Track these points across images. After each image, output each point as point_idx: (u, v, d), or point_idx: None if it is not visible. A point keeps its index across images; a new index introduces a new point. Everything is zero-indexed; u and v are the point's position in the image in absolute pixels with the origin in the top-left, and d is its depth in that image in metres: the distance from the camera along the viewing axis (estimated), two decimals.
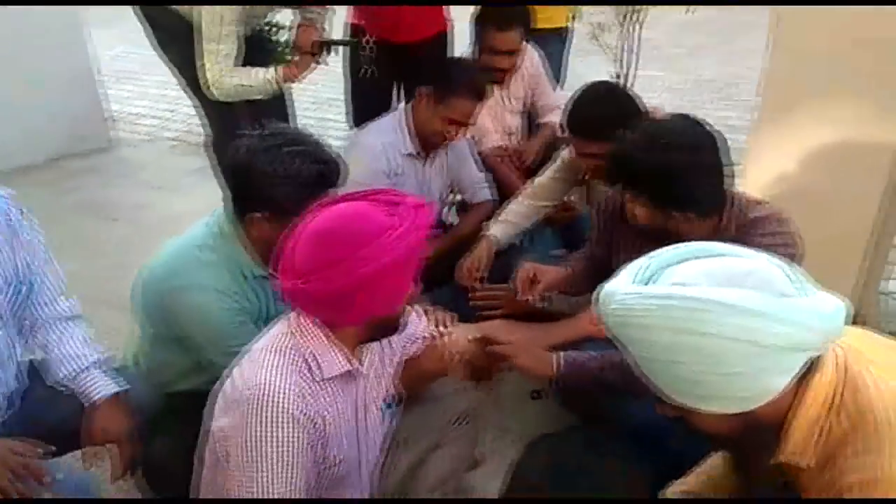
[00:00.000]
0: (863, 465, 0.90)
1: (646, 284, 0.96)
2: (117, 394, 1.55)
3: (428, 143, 2.37)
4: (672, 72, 5.81)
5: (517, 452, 1.98)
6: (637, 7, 4.07)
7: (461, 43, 2.99)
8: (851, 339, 1.02)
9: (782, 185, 2.15)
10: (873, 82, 1.92)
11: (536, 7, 2.83)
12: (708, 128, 1.63)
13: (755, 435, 0.99)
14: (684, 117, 1.67)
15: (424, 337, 1.57)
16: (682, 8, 4.57)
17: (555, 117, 2.90)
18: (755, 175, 2.23)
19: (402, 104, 2.46)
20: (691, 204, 1.59)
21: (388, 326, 1.32)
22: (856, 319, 2.43)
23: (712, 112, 4.81)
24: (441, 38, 2.90)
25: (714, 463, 1.29)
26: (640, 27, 4.20)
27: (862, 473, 0.89)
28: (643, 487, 0.98)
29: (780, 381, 0.92)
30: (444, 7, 2.91)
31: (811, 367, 0.96)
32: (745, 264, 0.95)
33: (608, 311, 0.96)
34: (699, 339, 0.88)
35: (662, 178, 1.56)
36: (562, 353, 1.67)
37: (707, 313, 0.87)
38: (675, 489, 1.29)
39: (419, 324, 1.58)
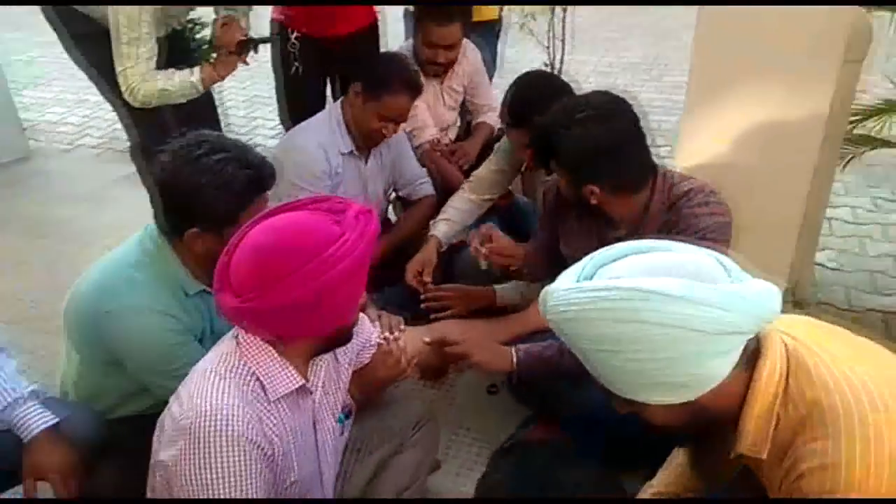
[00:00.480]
0: (813, 451, 0.92)
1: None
2: (53, 426, 1.47)
3: (365, 141, 2.32)
4: (601, 55, 5.89)
5: (477, 451, 2.00)
6: None
7: (392, 34, 2.96)
8: (799, 328, 1.05)
9: (716, 164, 2.19)
10: (799, 58, 1.97)
11: None
12: (627, 104, 1.64)
13: (710, 429, 1.01)
14: (603, 93, 1.69)
15: (375, 343, 1.54)
16: None
17: (491, 117, 2.90)
18: (688, 155, 2.27)
19: (336, 102, 2.40)
20: (611, 176, 1.60)
21: (340, 338, 1.28)
22: (792, 291, 2.55)
23: (642, 93, 4.91)
24: (370, 32, 2.85)
25: (681, 460, 1.31)
26: (565, 12, 4.24)
27: (813, 460, 0.91)
28: (614, 492, 0.99)
29: (716, 366, 0.94)
30: None
31: (757, 359, 0.98)
32: (677, 257, 0.98)
33: (548, 309, 1.00)
34: (627, 327, 0.91)
35: (580, 150, 1.58)
36: (518, 345, 1.68)
37: (632, 301, 0.90)
38: (650, 491, 1.30)
39: (369, 330, 1.55)
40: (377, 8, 2.89)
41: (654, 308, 0.89)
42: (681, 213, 1.62)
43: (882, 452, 0.88)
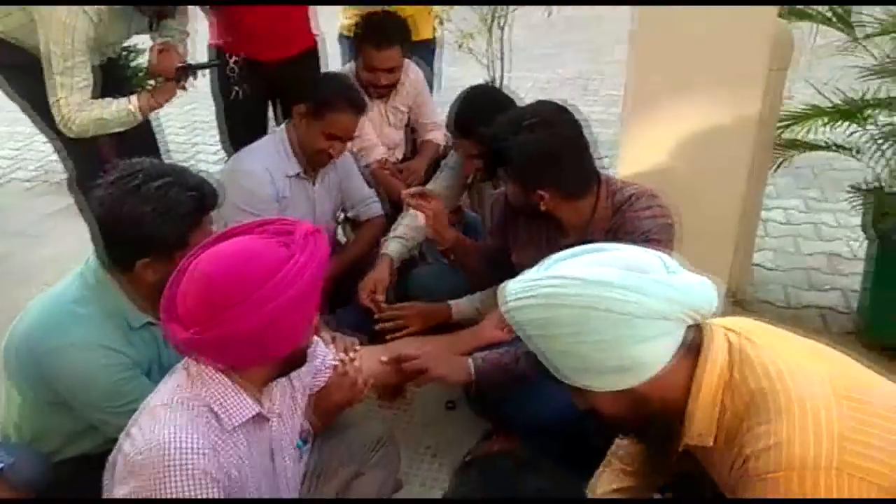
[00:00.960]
0: (758, 435, 0.97)
1: None
2: None
3: (312, 162, 2.31)
4: (539, 71, 6.01)
5: (438, 468, 1.99)
6: (500, 11, 4.19)
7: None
8: (743, 326, 1.10)
9: (655, 171, 2.25)
10: (728, 68, 2.06)
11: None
12: (570, 112, 1.72)
13: (659, 422, 1.06)
14: (547, 102, 1.77)
15: (331, 366, 1.52)
16: (543, 9, 4.74)
17: (437, 135, 2.93)
18: (629, 164, 2.33)
19: (282, 125, 2.40)
20: (559, 180, 1.66)
21: (294, 361, 1.27)
22: (733, 292, 2.63)
23: (580, 107, 5.00)
24: (311, 54, 2.86)
25: (629, 453, 1.34)
26: (503, 31, 4.33)
27: (758, 443, 0.96)
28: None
29: (649, 351, 0.99)
30: (312, 22, 2.86)
31: (700, 351, 1.03)
32: (621, 253, 1.06)
33: (502, 301, 1.07)
34: (563, 311, 0.99)
35: (529, 155, 1.64)
36: (475, 355, 1.69)
37: (566, 287, 0.99)
38: (605, 488, 1.33)
39: (325, 353, 1.53)
40: (316, 31, 2.90)
41: (585, 293, 0.97)
42: (626, 217, 1.69)
43: (820, 433, 0.93)
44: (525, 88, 5.50)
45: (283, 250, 1.16)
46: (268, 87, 2.76)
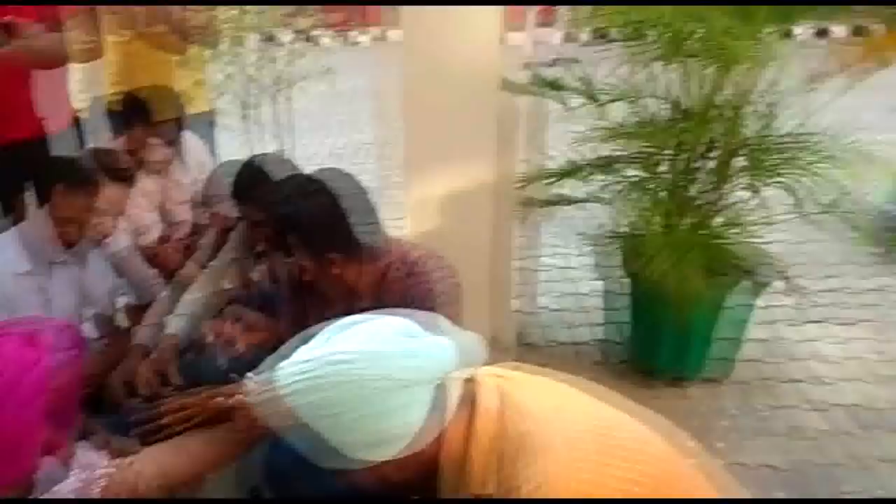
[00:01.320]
0: (528, 477, 1.01)
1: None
2: None
3: (70, 241, 2.07)
4: (335, 137, 6.11)
5: None
6: (281, 85, 4.26)
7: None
8: (510, 372, 1.17)
9: (436, 232, 2.38)
10: (468, 138, 2.26)
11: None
12: (353, 178, 1.78)
13: (446, 477, 1.07)
14: (331, 169, 1.81)
15: (103, 475, 1.36)
16: (328, 80, 4.87)
17: (223, 207, 2.83)
18: (414, 226, 2.44)
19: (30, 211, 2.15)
20: (347, 244, 1.69)
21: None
22: (519, 335, 2.80)
23: (374, 171, 5.16)
24: (40, 140, 2.59)
25: None
26: (290, 101, 4.37)
27: (530, 484, 1.00)
28: None
29: (426, 413, 1.01)
30: (67, 101, 2.64)
31: (474, 404, 1.07)
32: (390, 320, 1.08)
33: (278, 389, 1.03)
34: (336, 391, 0.98)
35: (316, 220, 1.67)
36: None
37: (339, 364, 0.99)
38: None
39: (94, 461, 1.37)
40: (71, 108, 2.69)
41: (360, 368, 0.98)
42: (419, 280, 1.75)
43: (580, 467, 1.00)
44: (321, 155, 5.55)
45: (27, 352, 1.04)
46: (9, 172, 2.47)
